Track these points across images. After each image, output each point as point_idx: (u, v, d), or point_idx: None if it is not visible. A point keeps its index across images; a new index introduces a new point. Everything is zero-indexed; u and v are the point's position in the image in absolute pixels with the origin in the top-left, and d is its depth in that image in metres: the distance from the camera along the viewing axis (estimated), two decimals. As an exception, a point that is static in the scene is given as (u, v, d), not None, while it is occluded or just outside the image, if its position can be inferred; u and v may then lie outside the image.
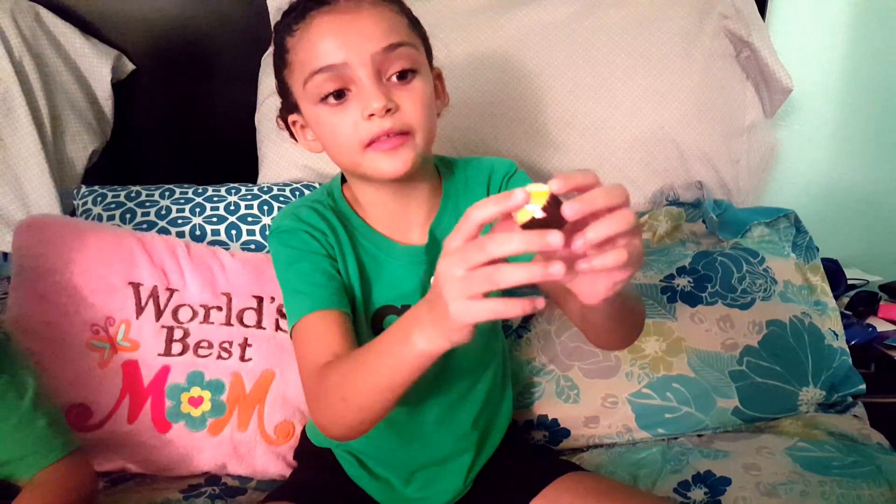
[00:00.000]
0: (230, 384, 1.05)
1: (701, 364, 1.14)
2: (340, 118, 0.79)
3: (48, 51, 1.37)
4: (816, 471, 0.98)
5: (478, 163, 0.95)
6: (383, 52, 0.77)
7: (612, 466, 1.06)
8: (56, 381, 1.01)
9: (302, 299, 0.82)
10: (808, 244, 1.29)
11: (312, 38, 0.78)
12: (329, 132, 0.81)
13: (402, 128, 0.78)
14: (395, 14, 0.81)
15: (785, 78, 1.43)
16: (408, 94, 0.79)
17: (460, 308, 0.57)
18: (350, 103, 0.79)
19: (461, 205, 0.91)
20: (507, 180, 0.92)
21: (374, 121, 0.77)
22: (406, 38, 0.80)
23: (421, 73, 0.81)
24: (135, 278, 1.07)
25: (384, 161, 0.79)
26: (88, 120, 1.42)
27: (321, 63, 0.77)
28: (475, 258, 0.56)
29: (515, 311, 0.57)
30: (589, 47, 1.41)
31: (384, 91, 0.77)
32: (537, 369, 1.15)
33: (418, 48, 0.82)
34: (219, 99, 1.54)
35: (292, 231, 0.85)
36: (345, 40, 0.77)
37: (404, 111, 0.79)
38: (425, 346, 0.63)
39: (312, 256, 0.84)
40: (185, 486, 1.03)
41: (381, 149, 0.79)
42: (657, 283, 1.22)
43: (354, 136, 0.79)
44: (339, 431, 0.78)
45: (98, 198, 1.27)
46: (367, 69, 0.77)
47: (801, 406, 1.14)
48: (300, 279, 0.83)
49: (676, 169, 1.43)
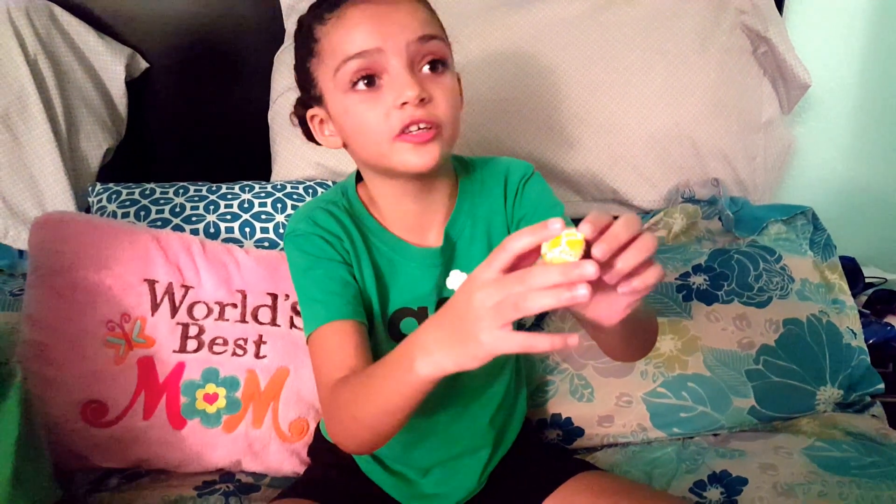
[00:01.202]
0: (245, 381, 1.05)
1: (717, 363, 1.13)
2: (371, 106, 0.78)
3: (63, 49, 1.38)
4: (834, 471, 0.97)
5: (494, 163, 0.95)
6: (418, 41, 0.78)
7: (626, 466, 1.06)
8: (71, 378, 1.02)
9: (318, 308, 0.82)
10: (825, 242, 1.28)
11: (347, 24, 0.78)
12: (357, 122, 0.80)
13: (433, 119, 0.78)
14: (429, 11, 0.82)
15: (803, 73, 1.42)
16: (439, 86, 0.79)
17: (491, 338, 0.58)
18: (382, 91, 0.78)
19: (476, 205, 0.91)
20: (523, 183, 0.92)
21: (406, 109, 0.77)
22: (439, 32, 0.81)
23: (450, 70, 0.82)
24: (150, 275, 1.07)
25: (412, 155, 0.78)
26: (103, 118, 1.43)
27: (355, 49, 0.77)
28: (514, 290, 0.57)
29: (545, 346, 0.58)
30: (604, 43, 1.40)
31: (418, 80, 0.78)
32: (551, 367, 1.15)
33: (448, 45, 0.83)
34: (232, 97, 1.54)
35: (307, 236, 0.85)
36: (380, 28, 0.77)
37: (436, 103, 0.79)
38: (429, 371, 0.64)
39: (327, 263, 0.84)
40: (200, 482, 1.03)
41: (411, 140, 0.78)
42: (673, 281, 1.21)
43: (385, 125, 0.78)
44: (353, 447, 0.81)
45: (113, 195, 1.27)
46: (402, 57, 0.77)
47: (819, 405, 1.13)
48: (316, 286, 0.83)
49: (692, 166, 1.42)
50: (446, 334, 0.62)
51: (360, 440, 0.77)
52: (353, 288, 0.84)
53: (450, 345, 0.62)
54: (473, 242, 0.90)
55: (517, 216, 0.91)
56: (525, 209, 0.91)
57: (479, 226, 0.90)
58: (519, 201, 0.91)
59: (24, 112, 1.31)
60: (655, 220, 1.34)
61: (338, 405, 0.77)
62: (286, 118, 1.40)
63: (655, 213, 1.37)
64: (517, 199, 0.91)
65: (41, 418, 0.94)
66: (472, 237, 0.90)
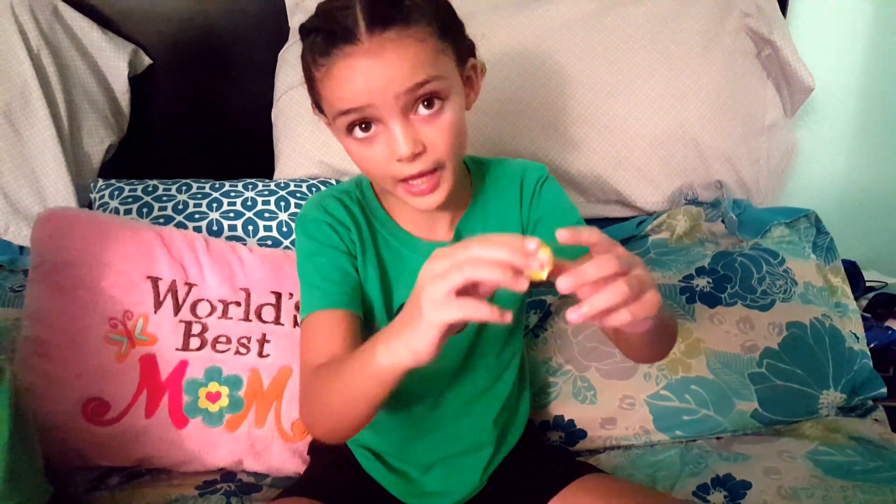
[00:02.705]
0: (248, 380, 1.05)
1: (720, 366, 1.13)
2: (371, 151, 0.79)
3: (66, 45, 1.37)
4: (838, 475, 0.97)
5: (509, 164, 0.95)
6: (408, 92, 0.75)
7: (629, 468, 1.06)
8: (73, 375, 1.01)
9: (314, 294, 0.84)
10: (828, 245, 1.28)
11: (336, 78, 0.76)
12: (360, 161, 0.81)
13: (432, 167, 0.78)
14: (420, 43, 0.75)
15: (807, 76, 1.42)
16: (435, 128, 0.77)
17: (432, 307, 0.59)
18: (378, 139, 0.78)
19: (490, 205, 0.91)
20: (540, 185, 0.93)
21: (403, 163, 0.77)
22: (431, 71, 0.76)
23: (450, 98, 0.78)
24: (153, 272, 1.07)
25: (416, 200, 0.80)
26: (105, 114, 1.42)
27: (346, 106, 0.76)
28: (459, 257, 0.58)
29: (483, 314, 0.58)
30: (608, 45, 1.40)
31: (411, 134, 0.76)
32: (554, 369, 1.15)
33: (447, 73, 0.78)
34: (235, 94, 1.53)
35: (316, 222, 0.87)
36: (368, 85, 0.74)
37: (433, 148, 0.78)
38: (387, 360, 0.65)
39: (331, 251, 0.86)
40: (201, 482, 1.03)
41: (413, 191, 0.79)
42: (676, 283, 1.21)
43: (386, 171, 0.79)
44: (318, 432, 0.83)
45: (115, 192, 1.27)
46: (392, 110, 0.75)
47: (822, 409, 1.13)
48: (316, 272, 0.85)
49: (696, 168, 1.42)
50: (401, 319, 0.64)
51: (325, 427, 0.79)
52: (353, 279, 0.86)
53: (401, 328, 0.63)
54: None
55: (533, 217, 0.92)
56: (542, 211, 0.92)
57: (491, 225, 0.91)
58: (536, 203, 0.92)
59: (27, 107, 1.31)
60: (659, 222, 1.34)
61: (311, 388, 0.79)
62: (290, 116, 1.42)
63: (658, 214, 1.37)
64: (533, 201, 0.92)
65: (36, 415, 0.93)
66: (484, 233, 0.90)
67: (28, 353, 1.02)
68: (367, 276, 0.87)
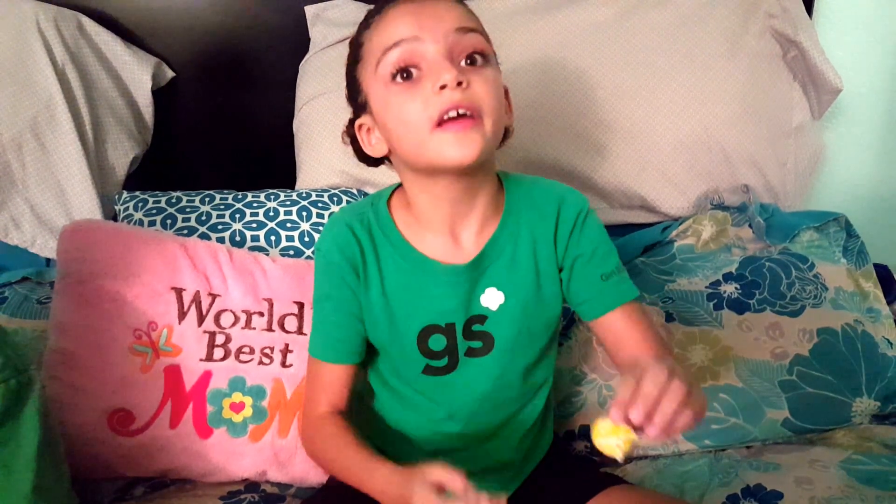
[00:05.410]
0: (271, 390, 1.05)
1: (749, 374, 1.10)
2: (411, 96, 0.78)
3: (90, 59, 1.39)
4: (873, 485, 0.94)
5: (548, 186, 0.92)
6: (456, 32, 0.78)
7: (657, 479, 1.04)
8: (98, 386, 1.02)
9: (320, 341, 0.91)
10: (859, 249, 1.26)
11: (388, 20, 0.80)
12: (397, 114, 0.80)
13: (472, 104, 0.77)
14: (469, 10, 0.83)
15: (834, 78, 1.39)
16: (480, 75, 0.79)
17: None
18: (421, 81, 0.78)
19: (523, 224, 0.88)
20: (582, 219, 0.89)
21: (444, 94, 0.76)
22: (479, 27, 0.82)
23: (492, 64, 0.82)
24: (177, 283, 1.07)
25: (452, 147, 0.77)
26: (129, 127, 1.44)
27: (394, 39, 0.78)
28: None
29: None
30: (630, 48, 1.38)
31: (457, 68, 0.78)
32: (579, 378, 1.13)
33: (489, 43, 0.83)
34: (257, 105, 1.54)
35: (327, 262, 0.89)
36: (419, 19, 0.78)
37: (475, 90, 0.77)
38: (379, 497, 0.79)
39: (339, 297, 0.89)
40: (225, 492, 1.03)
41: (450, 129, 0.76)
42: (703, 289, 1.19)
43: (424, 114, 0.77)
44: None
45: (139, 203, 1.28)
46: (439, 45, 0.77)
47: (855, 417, 1.10)
48: (325, 318, 0.91)
49: (721, 172, 1.39)
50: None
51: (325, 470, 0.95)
52: (357, 327, 0.89)
53: None
54: (516, 262, 0.88)
55: (571, 254, 0.89)
56: (582, 249, 0.89)
57: (522, 246, 0.88)
58: (576, 239, 0.89)
59: (52, 121, 1.32)
60: (684, 228, 1.32)
61: (313, 441, 0.91)
62: (311, 126, 1.42)
63: (684, 220, 1.35)
64: (573, 234, 0.89)
65: (62, 426, 0.93)
66: (515, 256, 0.88)
67: (54, 364, 1.02)
68: (371, 301, 0.88)
